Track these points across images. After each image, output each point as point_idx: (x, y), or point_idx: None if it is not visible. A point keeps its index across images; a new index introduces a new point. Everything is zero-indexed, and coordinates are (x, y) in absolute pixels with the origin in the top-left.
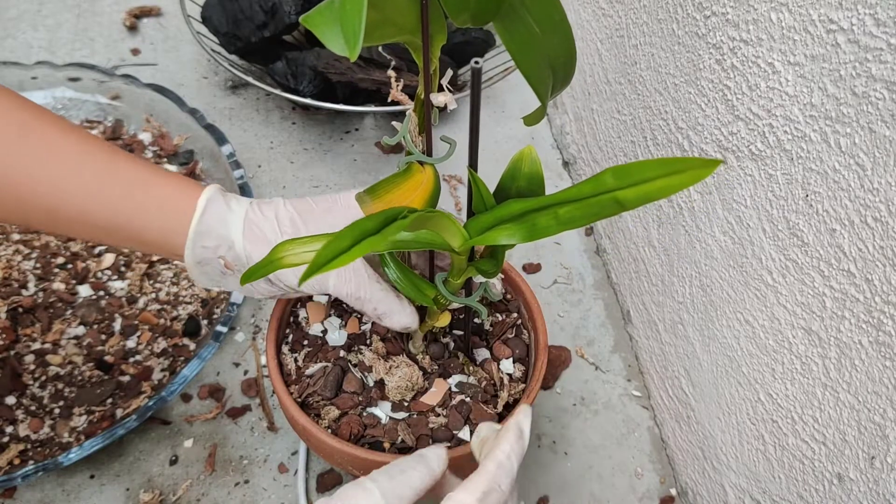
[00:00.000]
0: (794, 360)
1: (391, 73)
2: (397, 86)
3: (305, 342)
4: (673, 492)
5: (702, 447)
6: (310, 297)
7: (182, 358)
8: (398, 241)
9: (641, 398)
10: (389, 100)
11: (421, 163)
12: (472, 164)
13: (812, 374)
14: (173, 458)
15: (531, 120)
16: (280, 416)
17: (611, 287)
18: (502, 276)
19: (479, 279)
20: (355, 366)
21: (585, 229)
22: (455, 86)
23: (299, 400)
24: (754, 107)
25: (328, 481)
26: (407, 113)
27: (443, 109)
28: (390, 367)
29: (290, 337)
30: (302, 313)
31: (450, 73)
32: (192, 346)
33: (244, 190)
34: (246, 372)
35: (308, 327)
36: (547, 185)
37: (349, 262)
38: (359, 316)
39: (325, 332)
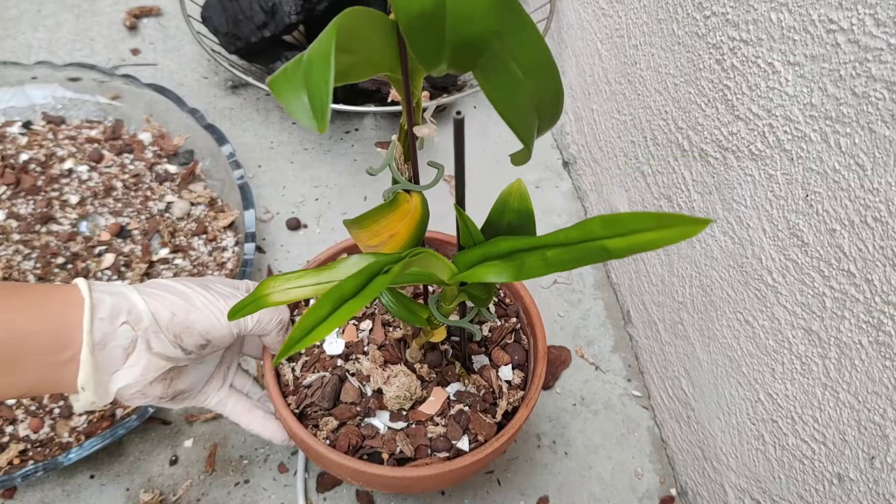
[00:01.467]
0: (794, 360)
1: None
2: None
3: (303, 352)
4: (673, 492)
5: (702, 447)
6: (307, 303)
7: None
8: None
9: (641, 398)
10: (389, 100)
11: (407, 191)
12: (459, 201)
13: (812, 374)
14: (173, 458)
15: (518, 160)
16: None
17: (611, 287)
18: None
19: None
20: (353, 375)
21: None
22: (455, 86)
23: (297, 411)
24: (754, 107)
25: (328, 481)
26: (392, 141)
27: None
28: (388, 377)
29: None
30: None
31: (434, 105)
32: None
33: (244, 190)
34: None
35: None
36: (547, 186)
37: (330, 332)
38: (356, 323)
39: (322, 341)
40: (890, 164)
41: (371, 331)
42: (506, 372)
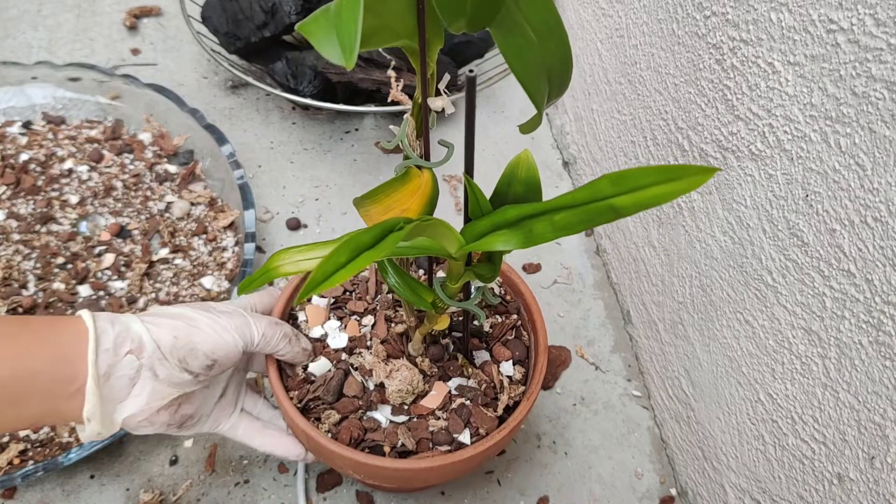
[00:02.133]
0: (794, 360)
1: (391, 73)
2: (397, 86)
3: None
4: (673, 492)
5: (702, 447)
6: (309, 299)
7: None
8: (397, 248)
9: (641, 398)
10: (389, 100)
11: (419, 167)
12: (468, 169)
13: (812, 374)
14: (173, 458)
15: (527, 128)
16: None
17: (611, 287)
18: (498, 279)
19: (476, 283)
20: (356, 369)
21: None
22: (455, 86)
23: (300, 405)
24: (754, 107)
25: (328, 481)
26: (405, 117)
27: (440, 113)
28: (391, 371)
29: None
30: (301, 316)
31: (447, 77)
32: None
33: (244, 190)
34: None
35: (308, 330)
36: (547, 186)
37: (347, 278)
38: (358, 319)
39: (325, 335)
40: (890, 164)
41: (374, 326)
42: (507, 367)
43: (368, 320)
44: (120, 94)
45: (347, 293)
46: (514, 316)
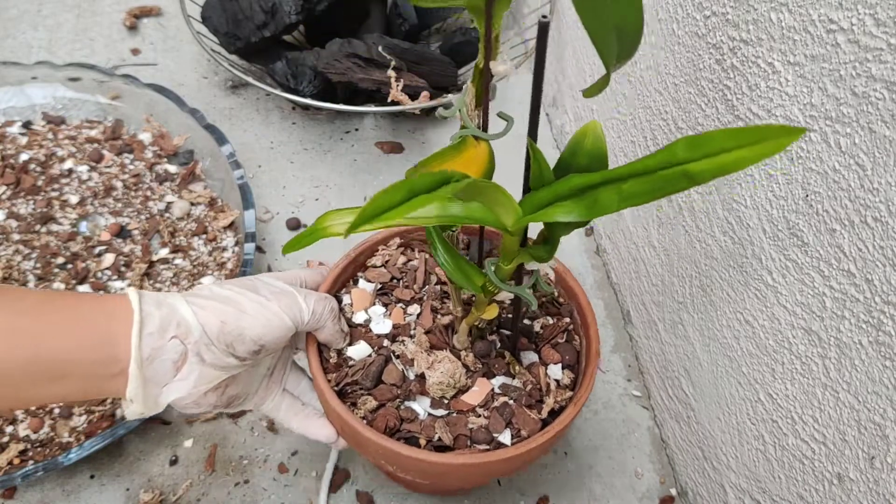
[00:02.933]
0: (794, 360)
1: (391, 73)
2: (397, 86)
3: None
4: (673, 492)
5: (702, 447)
6: (356, 283)
7: None
8: (448, 215)
9: (641, 398)
10: (389, 100)
11: (476, 137)
12: (532, 134)
13: (812, 374)
14: (173, 458)
15: (592, 91)
16: None
17: (611, 287)
18: (554, 267)
19: (531, 266)
20: (398, 357)
21: (585, 229)
22: (455, 87)
23: (337, 388)
24: (754, 107)
25: (334, 482)
26: (465, 85)
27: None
28: (433, 362)
29: None
30: (346, 299)
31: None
32: None
33: (244, 190)
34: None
35: (352, 314)
36: None
37: (398, 218)
38: (404, 307)
39: (368, 320)
40: (890, 163)
41: (419, 315)
42: (555, 370)
43: (414, 309)
44: (120, 94)
45: (395, 280)
46: (567, 319)
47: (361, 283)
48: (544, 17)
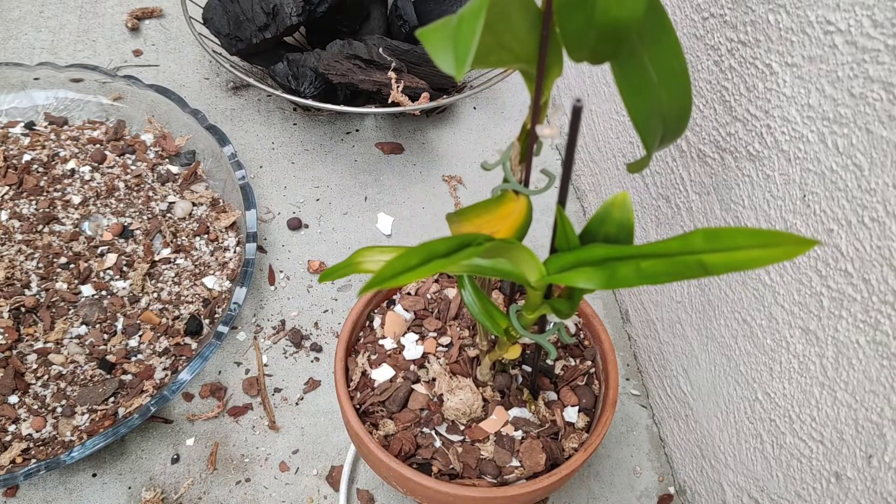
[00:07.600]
0: (792, 360)
1: (392, 74)
2: (398, 87)
3: (375, 349)
4: (671, 490)
5: (700, 446)
6: (393, 306)
7: (184, 357)
8: (474, 265)
9: (640, 397)
10: (390, 101)
11: (516, 192)
12: (562, 200)
13: (809, 373)
14: (175, 456)
15: (636, 167)
16: (281, 414)
17: None
18: (579, 320)
19: (553, 319)
20: (424, 382)
21: None
22: (455, 87)
23: (359, 407)
24: (752, 108)
25: (335, 481)
26: (511, 141)
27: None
28: (454, 387)
29: (361, 340)
30: (377, 321)
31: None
32: (194, 345)
33: (246, 190)
34: (247, 371)
35: (383, 337)
36: (545, 185)
37: (415, 280)
38: (435, 336)
39: (396, 348)
40: (887, 164)
41: (449, 346)
42: (571, 413)
43: (445, 340)
44: (122, 94)
45: (428, 310)
46: (589, 362)
47: (399, 308)
48: (578, 100)
